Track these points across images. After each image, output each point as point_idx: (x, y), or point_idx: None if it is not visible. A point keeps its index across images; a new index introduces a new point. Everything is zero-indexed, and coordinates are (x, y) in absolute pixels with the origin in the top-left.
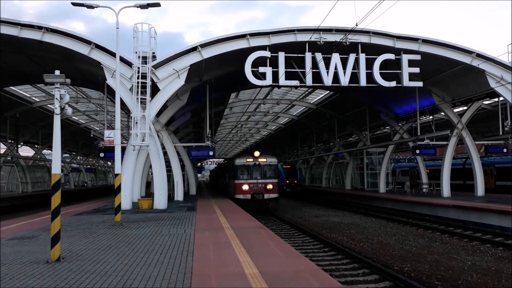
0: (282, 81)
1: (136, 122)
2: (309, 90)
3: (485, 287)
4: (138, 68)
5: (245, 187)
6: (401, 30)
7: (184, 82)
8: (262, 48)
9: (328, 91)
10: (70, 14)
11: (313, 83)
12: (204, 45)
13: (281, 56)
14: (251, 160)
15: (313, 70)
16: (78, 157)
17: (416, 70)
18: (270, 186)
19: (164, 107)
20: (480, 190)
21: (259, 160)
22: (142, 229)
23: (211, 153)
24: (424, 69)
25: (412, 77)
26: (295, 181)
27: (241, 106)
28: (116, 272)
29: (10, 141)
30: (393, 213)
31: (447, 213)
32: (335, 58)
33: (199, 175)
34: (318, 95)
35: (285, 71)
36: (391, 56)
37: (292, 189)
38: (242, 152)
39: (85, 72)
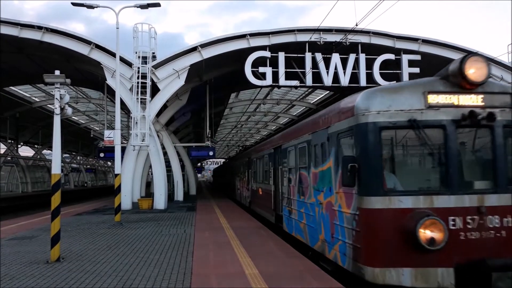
0: (282, 81)
1: (136, 122)
2: (309, 90)
3: None
4: (138, 68)
5: (436, 235)
6: (401, 30)
7: (184, 82)
8: (262, 48)
9: (328, 91)
10: (71, 15)
11: (313, 83)
12: (204, 45)
13: (281, 56)
14: (457, 98)
15: (313, 70)
16: (78, 157)
17: (416, 70)
18: None
19: (164, 107)
20: None
21: (495, 100)
22: (142, 229)
23: (211, 153)
24: (424, 69)
25: (412, 77)
26: None
27: (241, 106)
28: (116, 272)
29: (10, 141)
30: None
31: None
32: (335, 58)
33: (199, 175)
34: (318, 95)
35: (285, 71)
36: (391, 56)
37: None
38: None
39: (85, 72)
